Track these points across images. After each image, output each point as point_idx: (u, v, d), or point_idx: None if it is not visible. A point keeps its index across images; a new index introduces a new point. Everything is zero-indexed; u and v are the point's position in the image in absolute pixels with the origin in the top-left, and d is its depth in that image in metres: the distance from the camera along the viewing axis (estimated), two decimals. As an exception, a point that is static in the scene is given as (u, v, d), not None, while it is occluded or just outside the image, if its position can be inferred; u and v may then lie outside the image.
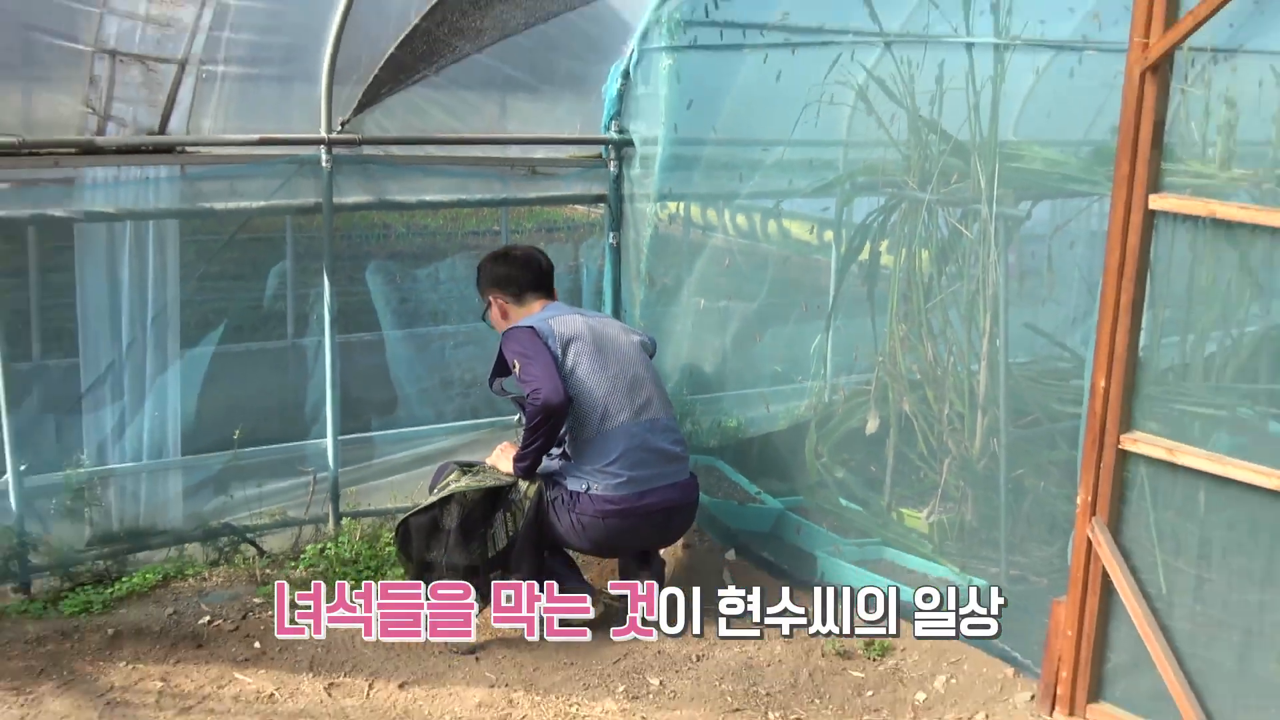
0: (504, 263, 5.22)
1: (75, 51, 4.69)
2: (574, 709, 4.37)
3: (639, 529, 5.05)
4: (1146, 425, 4.05)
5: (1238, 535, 3.92)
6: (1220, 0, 3.70)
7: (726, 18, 5.59)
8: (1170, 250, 3.99)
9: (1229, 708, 3.92)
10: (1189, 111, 3.96)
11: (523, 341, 4.94)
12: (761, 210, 5.91)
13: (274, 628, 4.78)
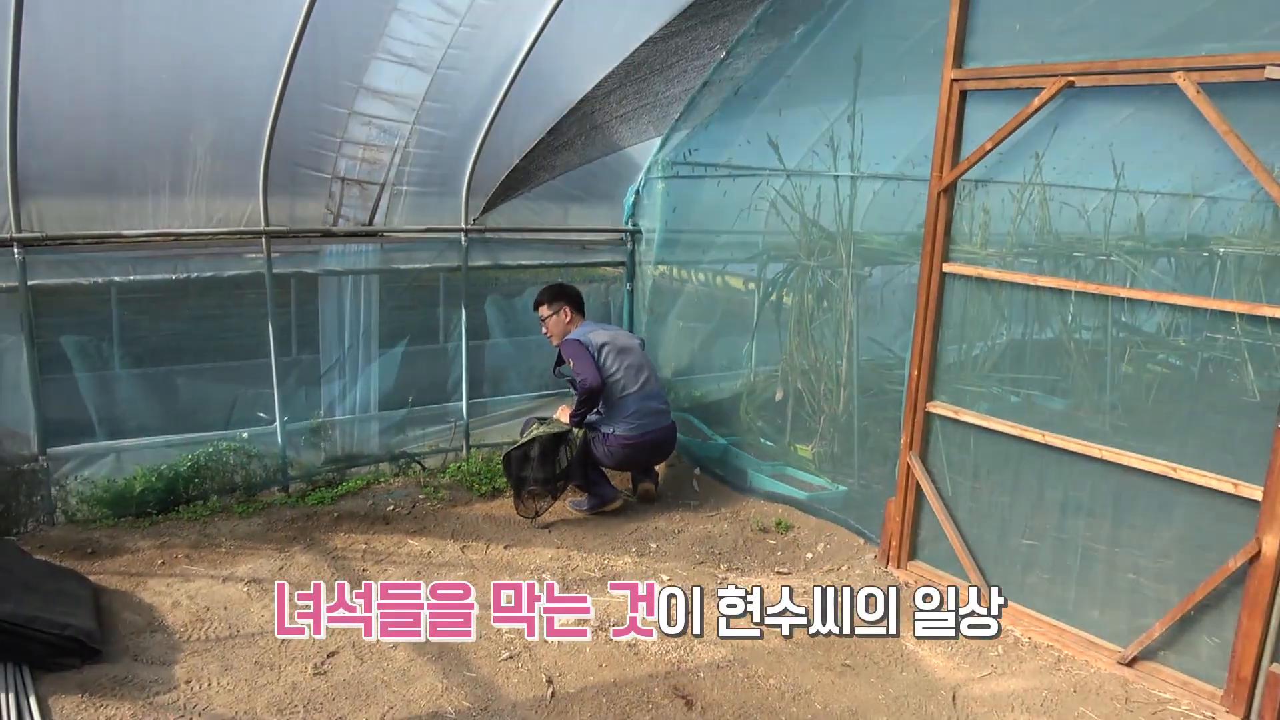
0: (572, 290, 5.25)
1: (322, 178, 4.73)
2: (607, 561, 4.44)
3: (643, 453, 5.13)
4: (940, 397, 4.15)
5: (993, 461, 4.02)
6: (981, 154, 3.81)
7: (696, 160, 5.66)
8: (953, 295, 4.09)
9: (991, 564, 4.03)
10: (962, 215, 4.06)
11: (575, 349, 4.99)
12: (714, 270, 5.98)
13: (433, 514, 4.88)
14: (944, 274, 4.03)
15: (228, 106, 4.26)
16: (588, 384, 4.92)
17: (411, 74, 4.50)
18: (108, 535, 4.33)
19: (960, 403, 4.08)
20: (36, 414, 4.27)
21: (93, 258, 4.32)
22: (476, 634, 3.65)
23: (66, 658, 3.22)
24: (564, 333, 5.15)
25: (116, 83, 3.96)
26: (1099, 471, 3.65)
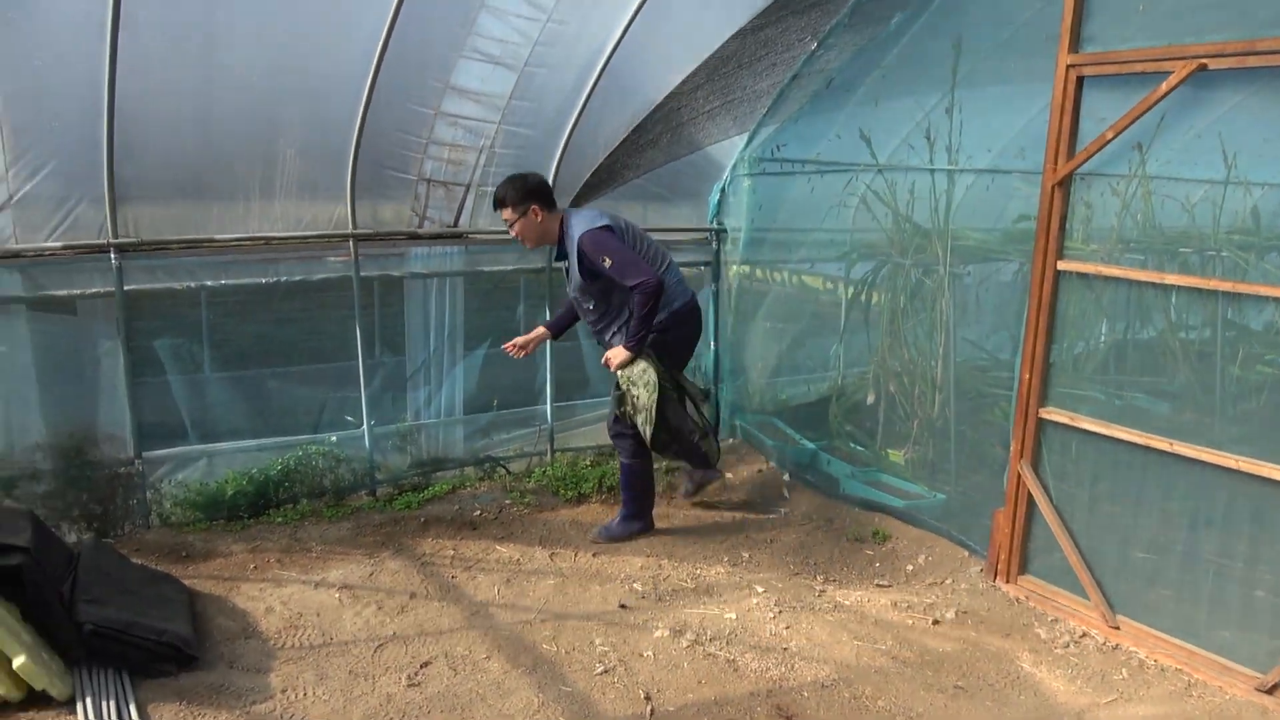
0: (537, 180, 4.23)
1: (407, 180, 4.70)
2: (699, 571, 4.30)
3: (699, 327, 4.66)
4: (1053, 402, 3.92)
5: (1113, 470, 3.77)
6: (1100, 144, 3.58)
7: (784, 156, 5.49)
8: (1067, 295, 3.86)
9: (1111, 580, 3.78)
10: (1073, 210, 3.84)
11: (609, 244, 4.07)
12: (802, 269, 5.81)
13: (520, 520, 4.81)
14: (1058, 272, 3.79)
15: (316, 109, 4.24)
16: (651, 285, 4.02)
17: (499, 72, 4.43)
18: (201, 539, 4.35)
19: (1074, 408, 3.84)
20: (132, 417, 4.31)
21: (185, 262, 4.34)
22: (570, 646, 3.57)
23: (164, 664, 3.22)
24: (540, 234, 4.25)
25: (209, 87, 3.97)
26: (1233, 482, 3.39)
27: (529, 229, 4.23)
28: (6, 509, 3.44)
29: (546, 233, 4.27)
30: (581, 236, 4.14)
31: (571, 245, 4.20)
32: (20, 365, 4.08)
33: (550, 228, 4.26)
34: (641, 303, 4.09)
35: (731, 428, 6.08)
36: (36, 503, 4.12)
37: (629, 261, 4.08)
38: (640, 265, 4.10)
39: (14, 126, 3.71)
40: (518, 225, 4.22)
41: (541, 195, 4.20)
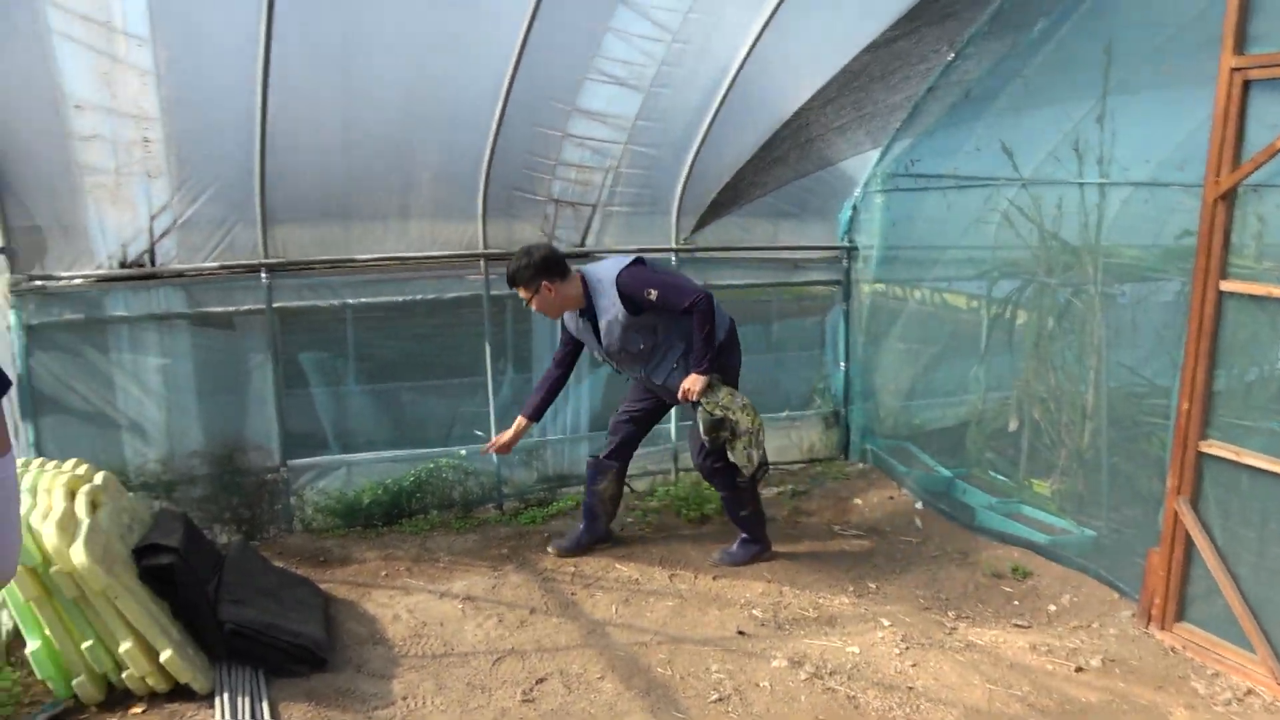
0: (542, 255, 4.02)
1: (536, 201, 4.81)
2: (822, 600, 4.17)
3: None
4: (1215, 434, 3.61)
5: None
6: (1270, 154, 3.28)
7: (919, 171, 5.32)
8: (1232, 318, 3.55)
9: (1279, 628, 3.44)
10: (1240, 225, 3.53)
11: (648, 276, 4.02)
12: (938, 288, 5.59)
13: (641, 539, 4.81)
14: (1221, 293, 3.50)
15: (450, 134, 4.40)
16: (703, 301, 3.95)
17: (624, 93, 4.48)
18: (338, 544, 4.56)
19: (1241, 441, 3.51)
20: (279, 428, 4.57)
21: (329, 281, 4.58)
22: (685, 671, 3.52)
23: (297, 665, 3.37)
24: (564, 305, 4.14)
25: (349, 114, 4.17)
26: None
27: (546, 304, 4.11)
28: (165, 511, 3.70)
29: (567, 300, 4.12)
30: (618, 278, 4.04)
31: (605, 296, 4.07)
32: (181, 376, 4.40)
33: (569, 294, 4.10)
34: (701, 322, 4.02)
35: (861, 452, 5.90)
36: (193, 506, 4.42)
37: (673, 285, 4.04)
38: (685, 286, 4.06)
39: (179, 158, 4.01)
40: (534, 302, 4.11)
41: (550, 269, 4.04)
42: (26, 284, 4.02)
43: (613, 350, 4.20)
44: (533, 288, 4.04)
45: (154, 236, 4.18)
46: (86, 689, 3.06)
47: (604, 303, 4.08)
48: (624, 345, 4.16)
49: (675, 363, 4.21)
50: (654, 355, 4.22)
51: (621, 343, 4.15)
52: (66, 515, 3.02)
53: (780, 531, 4.91)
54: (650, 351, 4.20)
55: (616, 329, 4.11)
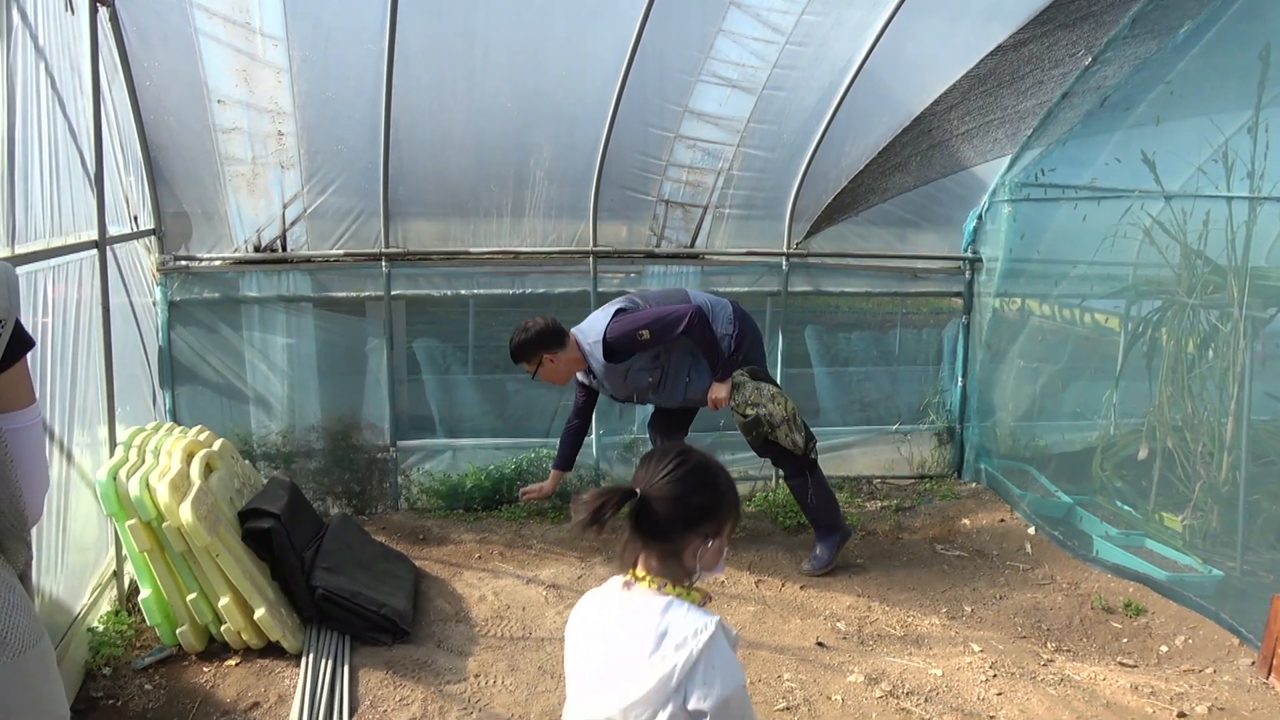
0: (538, 329, 4.04)
1: (646, 201, 4.86)
2: (911, 619, 4.02)
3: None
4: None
5: None
6: None
7: (1050, 181, 5.04)
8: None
9: None
10: None
11: (633, 321, 3.98)
12: (1067, 305, 5.28)
13: (732, 543, 4.75)
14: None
15: (563, 132, 4.50)
16: (689, 314, 3.95)
17: (735, 95, 4.46)
18: (438, 525, 4.73)
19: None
20: (391, 410, 4.79)
21: (445, 272, 4.77)
22: (756, 677, 3.47)
23: (380, 634, 3.52)
24: (570, 369, 4.18)
25: (470, 112, 4.33)
26: None
27: (550, 373, 4.14)
28: (275, 480, 3.94)
29: (570, 364, 4.14)
30: (605, 341, 4.02)
31: (593, 358, 4.10)
32: (304, 355, 4.68)
33: (570, 358, 4.12)
34: (701, 336, 4.04)
35: (975, 471, 5.64)
36: (308, 478, 4.69)
37: (658, 317, 4.00)
38: (669, 311, 4.01)
39: (309, 150, 4.27)
40: (541, 374, 4.14)
41: (547, 341, 4.06)
42: (172, 264, 4.38)
43: (624, 395, 4.30)
44: (535, 360, 4.08)
45: (285, 224, 4.46)
46: (188, 638, 3.30)
47: (596, 364, 4.13)
48: (635, 386, 4.21)
49: (688, 376, 4.21)
50: (665, 382, 4.23)
51: (631, 386, 4.21)
52: (180, 476, 3.27)
53: (879, 547, 4.76)
54: (660, 381, 4.22)
55: (619, 378, 4.16)
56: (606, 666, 1.68)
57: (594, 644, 1.72)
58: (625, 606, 1.71)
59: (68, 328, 3.20)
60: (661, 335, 4.01)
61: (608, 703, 1.65)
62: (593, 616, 1.77)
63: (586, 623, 1.77)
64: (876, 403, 5.72)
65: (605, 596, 1.77)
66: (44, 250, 2.92)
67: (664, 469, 1.72)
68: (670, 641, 1.63)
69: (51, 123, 3.04)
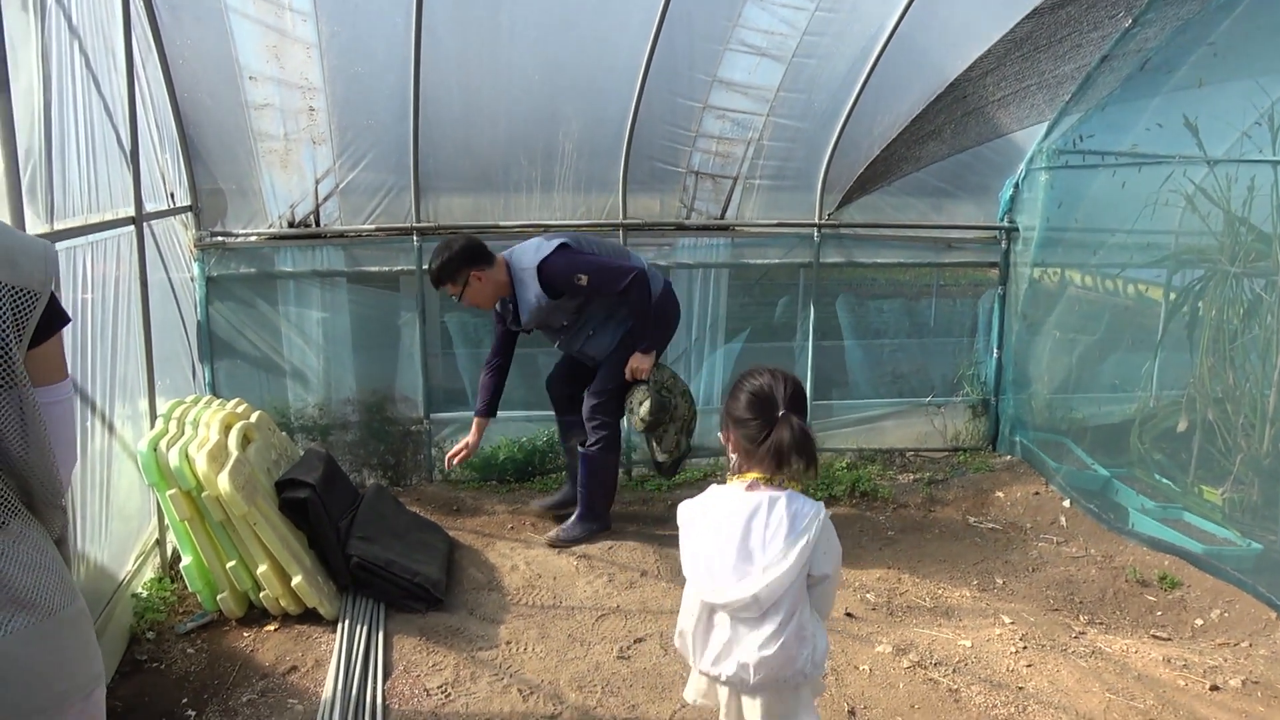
0: (463, 244, 3.87)
1: (675, 173, 4.84)
2: (941, 591, 4.01)
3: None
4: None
5: None
6: None
7: (1088, 148, 4.94)
8: None
9: None
10: None
11: (577, 262, 3.85)
12: (1106, 275, 5.18)
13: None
14: None
15: (592, 103, 4.49)
16: (639, 277, 3.84)
17: (765, 64, 4.42)
18: (471, 496, 4.80)
19: None
20: (424, 383, 4.85)
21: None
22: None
23: (414, 602, 3.59)
24: (497, 292, 3.96)
25: (496, 83, 4.34)
26: None
27: (477, 294, 3.93)
28: (311, 451, 4.01)
29: (498, 286, 3.96)
30: (540, 267, 3.85)
31: (525, 284, 3.91)
32: (339, 329, 4.75)
33: (499, 279, 3.94)
34: (638, 299, 3.90)
35: (1010, 443, 5.59)
36: (345, 450, 4.78)
37: (601, 266, 3.87)
38: (617, 266, 3.89)
39: (339, 125, 4.31)
40: (465, 296, 3.93)
41: (475, 257, 3.88)
42: (209, 239, 4.45)
43: (530, 327, 4.10)
44: (460, 280, 3.88)
45: (319, 199, 4.51)
46: (229, 604, 3.39)
47: (523, 289, 3.93)
48: (547, 321, 4.04)
49: (591, 330, 4.09)
50: (574, 328, 4.09)
51: (543, 318, 4.01)
52: (218, 447, 3.34)
53: (910, 520, 4.74)
54: (571, 326, 4.08)
55: (540, 312, 3.96)
56: (747, 551, 2.07)
57: (730, 536, 2.08)
58: (753, 503, 2.09)
59: (107, 304, 3.28)
60: (600, 287, 3.88)
61: (751, 581, 2.05)
62: (723, 516, 2.11)
63: (718, 522, 2.12)
64: (909, 375, 5.67)
65: (727, 497, 2.13)
66: (82, 227, 2.99)
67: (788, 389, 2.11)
68: (800, 524, 2.06)
69: (87, 100, 3.10)
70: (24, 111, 2.60)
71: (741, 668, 2.10)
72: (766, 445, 2.06)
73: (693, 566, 2.14)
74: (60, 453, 1.44)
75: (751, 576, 2.05)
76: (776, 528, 2.06)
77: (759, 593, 2.04)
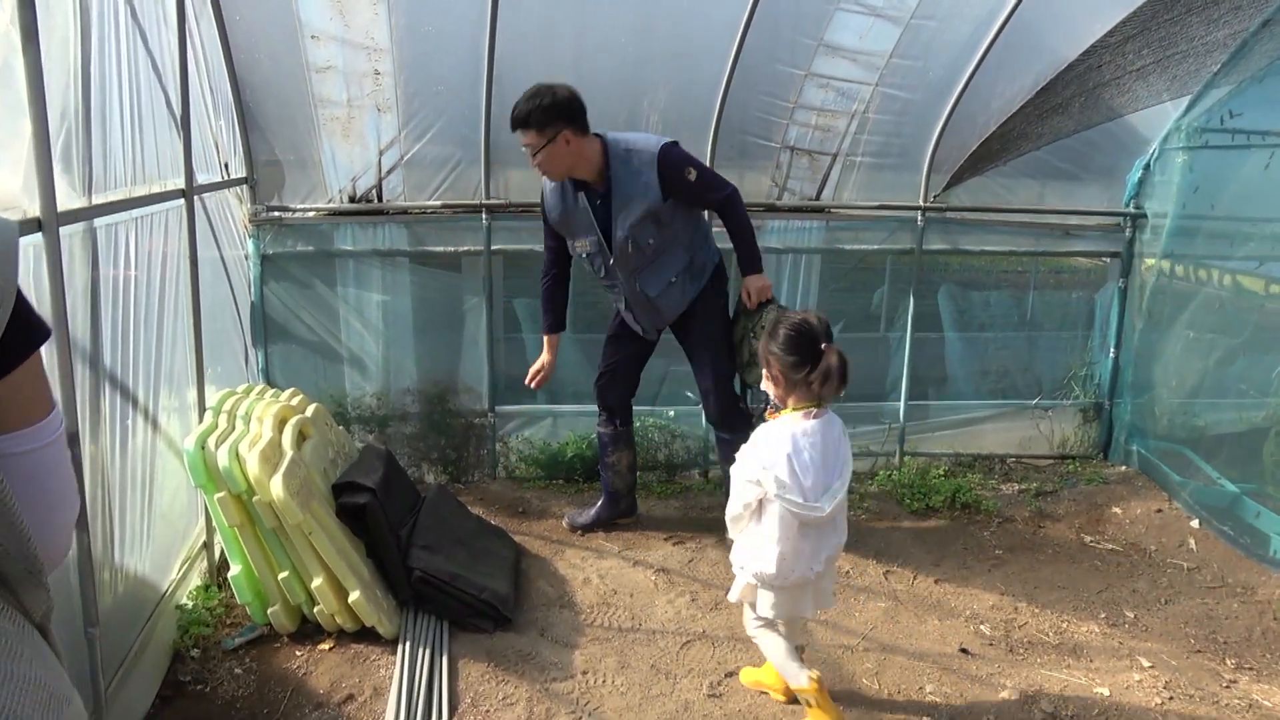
0: (567, 94, 3.31)
1: (769, 148, 4.40)
2: (1065, 624, 3.57)
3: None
4: None
5: None
6: None
7: (1237, 126, 4.38)
8: None
9: None
10: None
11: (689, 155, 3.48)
12: (1247, 270, 4.64)
13: (855, 526, 4.35)
14: None
15: (682, 70, 4.07)
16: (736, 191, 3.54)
17: (879, 25, 3.95)
18: (537, 496, 4.45)
19: None
20: (489, 372, 4.50)
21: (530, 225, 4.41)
22: (894, 687, 3.10)
23: (481, 620, 3.26)
24: (575, 165, 3.42)
25: (580, 47, 3.95)
26: None
27: (558, 159, 3.36)
28: (370, 448, 3.70)
29: (582, 160, 3.40)
30: (663, 151, 3.40)
31: (634, 169, 3.41)
32: (400, 313, 4.41)
33: (587, 155, 3.40)
34: (743, 212, 3.56)
35: (1125, 453, 5.09)
36: (403, 443, 4.46)
37: (712, 171, 3.60)
38: (719, 175, 3.60)
39: (406, 91, 3.95)
40: (542, 154, 3.33)
41: (574, 114, 3.33)
42: (265, 214, 4.14)
43: (618, 240, 3.51)
44: (549, 133, 3.30)
45: (381, 172, 4.17)
46: (280, 618, 3.09)
47: (630, 176, 3.42)
48: (634, 235, 3.50)
49: (674, 277, 3.61)
50: (657, 258, 3.58)
51: (633, 231, 3.49)
52: (271, 445, 3.03)
53: (1019, 536, 4.30)
54: (655, 252, 3.56)
55: (637, 211, 3.44)
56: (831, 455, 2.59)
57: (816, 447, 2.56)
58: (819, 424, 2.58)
59: (153, 284, 2.97)
60: (705, 188, 3.49)
61: (843, 478, 2.61)
62: (804, 435, 2.56)
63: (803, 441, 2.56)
64: (1014, 373, 5.19)
65: (803, 425, 2.57)
66: (125, 200, 2.67)
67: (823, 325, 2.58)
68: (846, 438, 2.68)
69: (132, 59, 2.77)
70: (58, 68, 2.27)
71: (828, 561, 2.67)
72: (816, 373, 2.48)
73: (786, 490, 2.52)
74: (54, 508, 1.07)
75: (834, 490, 2.57)
76: (838, 446, 2.61)
77: (840, 500, 2.58)
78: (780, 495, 2.50)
